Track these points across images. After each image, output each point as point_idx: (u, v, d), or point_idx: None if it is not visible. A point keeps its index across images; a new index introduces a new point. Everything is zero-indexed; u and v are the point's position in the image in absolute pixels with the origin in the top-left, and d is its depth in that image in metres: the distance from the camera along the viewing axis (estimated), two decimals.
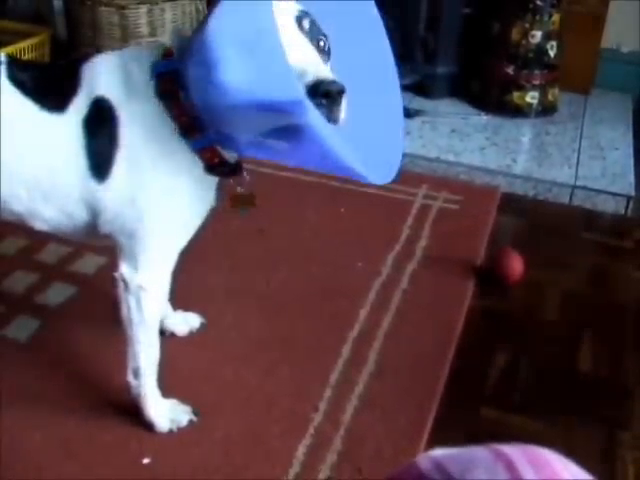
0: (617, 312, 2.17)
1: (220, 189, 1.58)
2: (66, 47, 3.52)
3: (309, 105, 1.18)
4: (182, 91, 1.40)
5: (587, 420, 1.79)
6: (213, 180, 1.54)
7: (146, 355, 1.61)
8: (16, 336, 1.93)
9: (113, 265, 1.57)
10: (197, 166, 1.47)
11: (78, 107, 1.42)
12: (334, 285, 2.16)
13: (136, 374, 1.62)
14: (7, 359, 1.83)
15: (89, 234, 1.55)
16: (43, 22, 3.56)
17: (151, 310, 1.56)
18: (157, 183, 1.45)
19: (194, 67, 1.31)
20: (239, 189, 1.57)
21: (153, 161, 1.44)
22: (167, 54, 1.44)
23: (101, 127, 1.42)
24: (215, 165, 1.48)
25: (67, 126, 1.42)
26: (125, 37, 3.08)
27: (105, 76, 1.44)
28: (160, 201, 1.46)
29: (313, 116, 1.18)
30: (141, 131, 1.42)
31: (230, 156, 1.50)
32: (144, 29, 3.07)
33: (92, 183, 1.44)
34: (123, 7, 3.01)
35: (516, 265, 2.20)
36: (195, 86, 1.34)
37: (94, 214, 1.48)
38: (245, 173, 1.55)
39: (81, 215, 1.49)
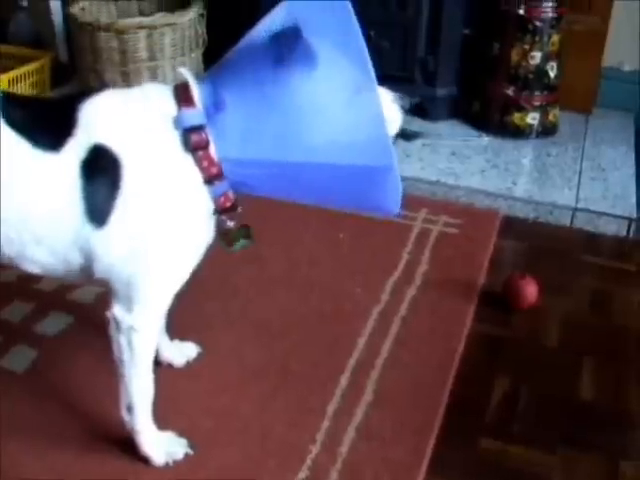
0: (619, 337, 2.14)
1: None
2: (67, 71, 3.53)
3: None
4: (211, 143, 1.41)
5: (589, 450, 1.77)
6: (212, 219, 1.53)
7: (139, 392, 1.59)
8: (13, 367, 1.92)
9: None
10: (207, 210, 1.48)
11: (75, 149, 1.39)
12: (332, 312, 2.14)
13: (130, 410, 1.61)
14: (4, 390, 1.82)
15: (83, 277, 1.52)
16: (44, 46, 3.58)
17: (143, 350, 1.55)
18: (164, 231, 1.44)
19: (271, 121, 1.36)
20: (229, 223, 1.54)
21: (162, 210, 1.42)
22: (185, 101, 1.42)
23: (101, 173, 1.39)
24: (226, 209, 1.49)
25: (61, 167, 1.39)
26: (124, 62, 3.07)
27: (107, 122, 1.42)
28: (164, 249, 1.45)
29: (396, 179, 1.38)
30: (151, 180, 1.41)
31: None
32: (143, 53, 3.06)
33: (88, 228, 1.41)
34: (122, 32, 3.01)
35: (531, 289, 2.19)
36: (259, 139, 1.38)
37: (89, 259, 1.45)
38: (239, 209, 1.54)
39: (75, 260, 1.46)
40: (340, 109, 1.37)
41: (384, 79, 1.57)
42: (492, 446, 1.77)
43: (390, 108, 1.46)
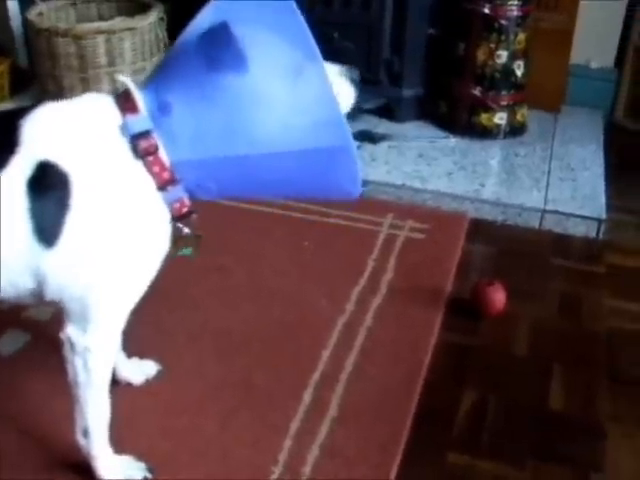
0: (589, 342, 2.11)
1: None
2: (27, 77, 3.46)
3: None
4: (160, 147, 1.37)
5: (559, 462, 1.73)
6: (169, 227, 1.47)
7: (95, 415, 1.53)
8: None
9: None
10: (163, 219, 1.43)
11: (20, 167, 1.32)
12: (296, 324, 2.09)
13: (86, 434, 1.55)
14: None
15: (35, 299, 1.45)
16: (3, 52, 3.51)
17: (99, 371, 1.49)
18: (118, 246, 1.37)
19: (218, 119, 1.33)
20: (186, 231, 1.48)
21: (116, 223, 1.36)
22: (128, 108, 1.37)
23: (50, 190, 1.32)
24: (182, 215, 1.44)
25: (6, 187, 1.31)
26: (83, 67, 3.01)
27: (52, 137, 1.35)
28: (120, 264, 1.39)
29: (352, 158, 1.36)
30: (103, 193, 1.35)
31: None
32: (102, 59, 3.00)
33: (38, 249, 1.34)
34: (80, 37, 2.94)
35: (499, 296, 2.15)
36: (209, 138, 1.35)
37: (40, 280, 1.38)
38: (194, 215, 1.48)
39: (26, 282, 1.39)
40: (284, 94, 1.33)
41: None
42: (460, 461, 1.72)
43: (339, 82, 1.42)
